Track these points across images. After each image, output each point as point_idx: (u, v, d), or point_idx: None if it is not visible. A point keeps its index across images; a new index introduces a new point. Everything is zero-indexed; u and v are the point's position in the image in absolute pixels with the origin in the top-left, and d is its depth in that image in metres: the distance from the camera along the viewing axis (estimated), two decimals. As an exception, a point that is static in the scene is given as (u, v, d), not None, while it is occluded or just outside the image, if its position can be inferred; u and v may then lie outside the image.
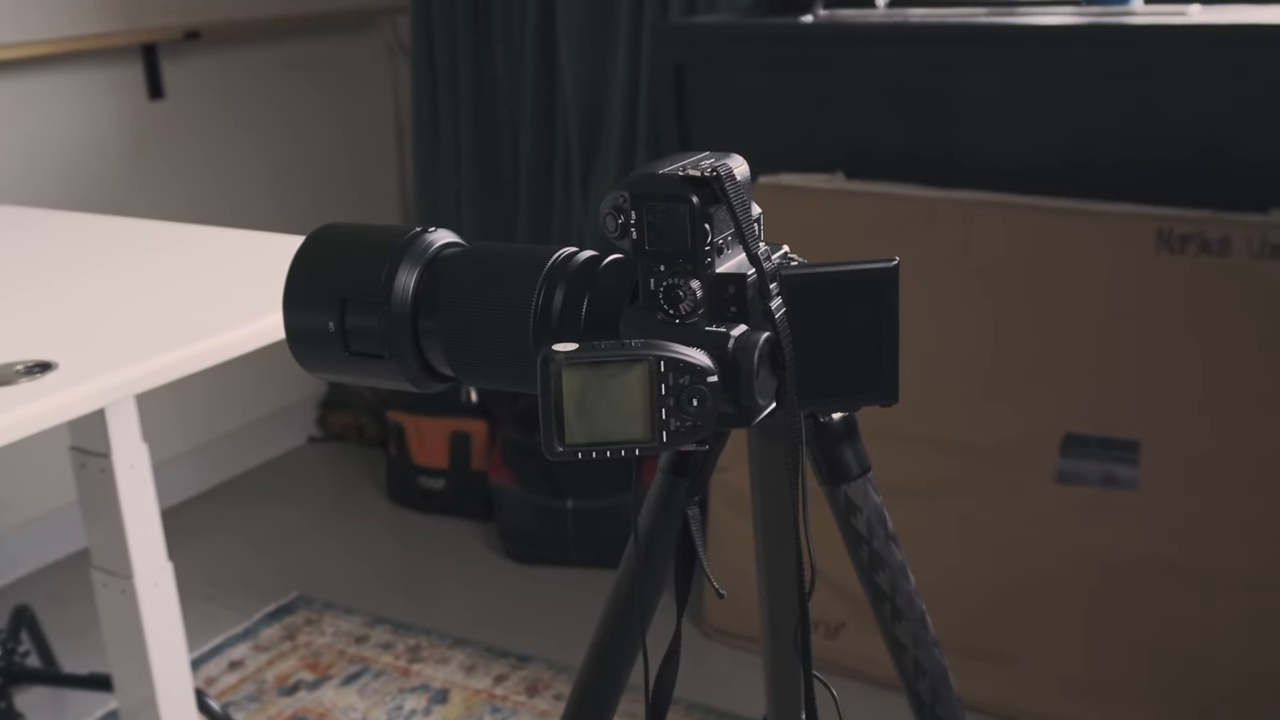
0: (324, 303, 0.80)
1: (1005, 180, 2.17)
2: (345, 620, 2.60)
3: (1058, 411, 2.11)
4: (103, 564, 1.54)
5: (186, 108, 3.06)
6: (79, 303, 1.43)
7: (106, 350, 1.23)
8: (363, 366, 0.81)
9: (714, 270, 0.70)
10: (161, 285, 1.50)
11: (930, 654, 0.86)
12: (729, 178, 0.69)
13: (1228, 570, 2.01)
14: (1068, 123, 2.18)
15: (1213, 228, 1.96)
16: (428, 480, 3.06)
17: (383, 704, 2.31)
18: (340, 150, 3.48)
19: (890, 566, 0.85)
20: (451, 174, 3.23)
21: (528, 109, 3.04)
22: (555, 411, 0.65)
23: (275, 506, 3.16)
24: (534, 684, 2.34)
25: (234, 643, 2.52)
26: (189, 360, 1.21)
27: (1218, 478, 2.01)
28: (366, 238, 0.83)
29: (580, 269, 0.76)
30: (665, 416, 0.65)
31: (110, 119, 2.90)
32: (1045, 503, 2.13)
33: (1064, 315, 2.11)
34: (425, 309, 0.79)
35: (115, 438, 1.46)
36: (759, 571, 0.98)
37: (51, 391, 1.09)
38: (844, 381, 0.75)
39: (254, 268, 1.57)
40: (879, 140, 2.34)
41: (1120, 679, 2.09)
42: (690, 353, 0.66)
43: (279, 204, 3.31)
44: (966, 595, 2.19)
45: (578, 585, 2.69)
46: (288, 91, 3.31)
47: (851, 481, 0.83)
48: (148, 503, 1.52)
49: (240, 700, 2.33)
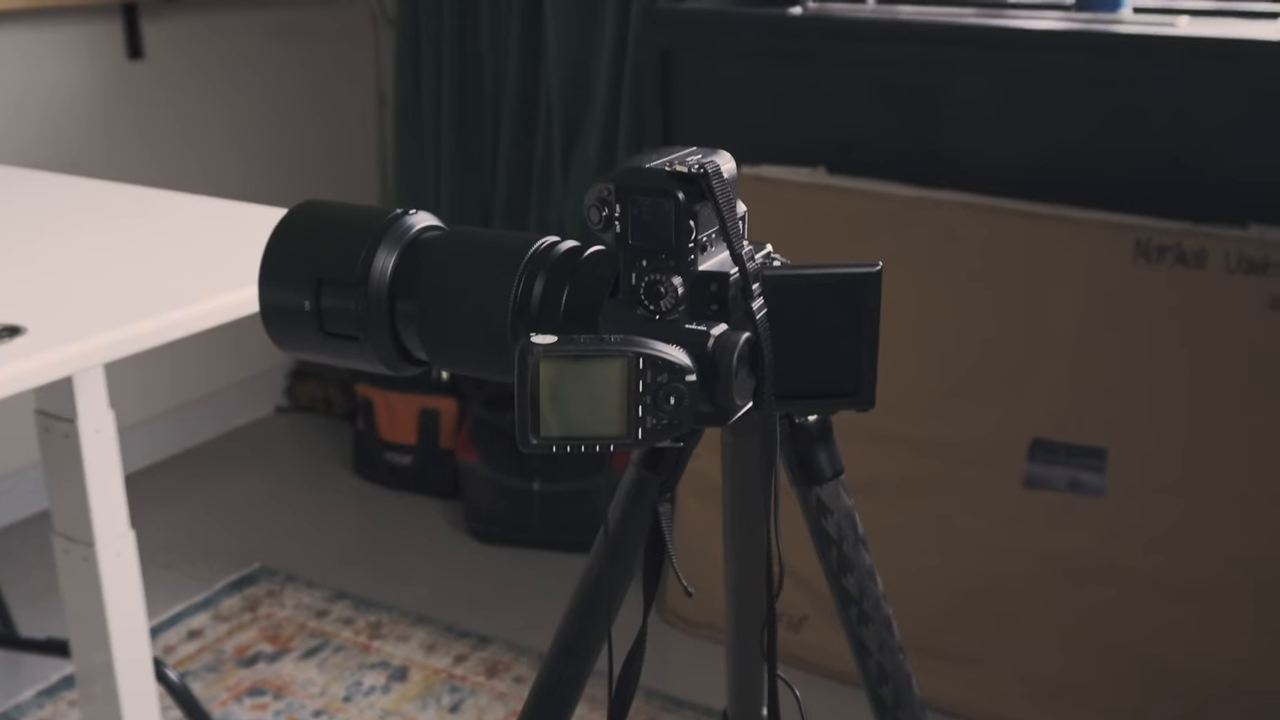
0: (300, 281, 0.79)
1: (987, 182, 2.17)
2: (307, 593, 2.58)
3: (1029, 415, 2.12)
4: (64, 530, 1.53)
5: (166, 69, 3.03)
6: (50, 266, 1.41)
7: (77, 316, 1.22)
8: (337, 347, 0.80)
9: (697, 267, 0.69)
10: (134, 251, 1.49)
11: (894, 659, 0.86)
12: (716, 175, 0.68)
13: (1190, 578, 2.03)
14: (1052, 127, 2.18)
15: (1190, 240, 1.97)
16: (395, 456, 3.05)
17: (342, 679, 2.30)
18: (320, 119, 3.45)
19: (859, 570, 0.84)
20: (432, 147, 3.21)
21: (511, 86, 3.02)
22: (531, 403, 0.65)
23: (240, 476, 3.14)
24: (494, 665, 2.34)
25: (194, 612, 2.51)
26: (160, 330, 1.20)
27: (1184, 487, 2.02)
28: (346, 217, 0.82)
29: (562, 259, 0.75)
30: (642, 413, 0.65)
31: (87, 78, 2.86)
32: (1012, 505, 2.14)
33: (1039, 320, 2.11)
34: (403, 292, 0.78)
35: (82, 403, 1.45)
36: (726, 567, 0.98)
37: (19, 357, 1.08)
38: (822, 384, 0.74)
39: (229, 237, 1.56)
40: (863, 136, 2.34)
41: (1081, 683, 2.11)
42: (669, 350, 0.65)
43: (256, 171, 3.28)
44: (931, 595, 2.20)
45: (542, 567, 2.69)
46: (269, 57, 3.28)
47: (824, 484, 0.83)
48: (112, 470, 1.51)
49: (198, 670, 2.31)
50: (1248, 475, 1.99)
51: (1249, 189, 2.04)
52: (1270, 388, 1.97)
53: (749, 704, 1.04)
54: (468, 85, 3.13)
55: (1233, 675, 2.01)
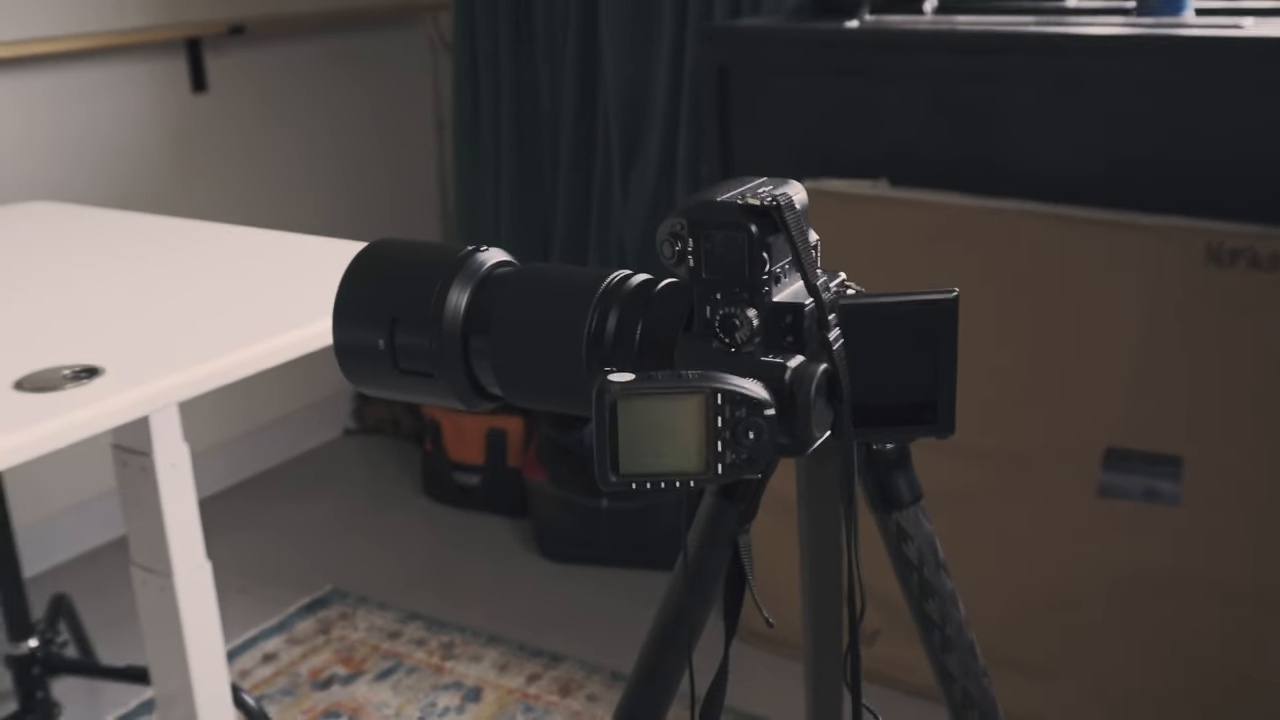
0: (374, 320, 0.80)
1: (1050, 190, 2.15)
2: (379, 615, 2.60)
3: (1097, 424, 2.09)
4: (142, 561, 1.55)
5: (229, 101, 3.07)
6: (124, 304, 1.44)
7: (152, 354, 1.23)
8: (412, 384, 0.81)
9: (771, 299, 0.69)
10: (205, 287, 1.51)
11: (979, 684, 0.85)
12: (789, 207, 0.68)
13: (1268, 588, 1.99)
14: (1115, 134, 2.16)
15: (1264, 243, 1.94)
16: (463, 476, 3.06)
17: (416, 700, 2.31)
18: (381, 145, 3.49)
19: (941, 595, 0.84)
20: (491, 170, 3.23)
21: (569, 107, 3.03)
22: (610, 441, 0.64)
23: (310, 499, 3.17)
24: (567, 684, 2.34)
25: (268, 635, 2.53)
26: (233, 368, 1.22)
27: (1261, 495, 1.99)
28: (418, 255, 0.82)
29: (635, 292, 0.75)
30: (721, 448, 0.65)
31: (153, 112, 2.91)
32: (1082, 516, 2.11)
33: (1108, 327, 2.09)
34: (476, 328, 0.78)
35: (158, 438, 1.47)
36: (803, 593, 0.97)
37: (98, 398, 1.10)
38: (900, 412, 0.74)
39: (297, 271, 1.58)
40: (922, 147, 2.33)
41: (1155, 695, 2.07)
42: (747, 384, 0.65)
43: (319, 199, 3.32)
44: (999, 606, 2.17)
45: (611, 585, 2.69)
46: (330, 86, 3.32)
47: (904, 509, 0.82)
48: (188, 502, 1.53)
49: (274, 694, 2.34)
50: (1329, 481, 1.95)
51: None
52: (1350, 391, 1.93)
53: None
54: (525, 106, 3.15)
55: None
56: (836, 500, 0.83)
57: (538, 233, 3.23)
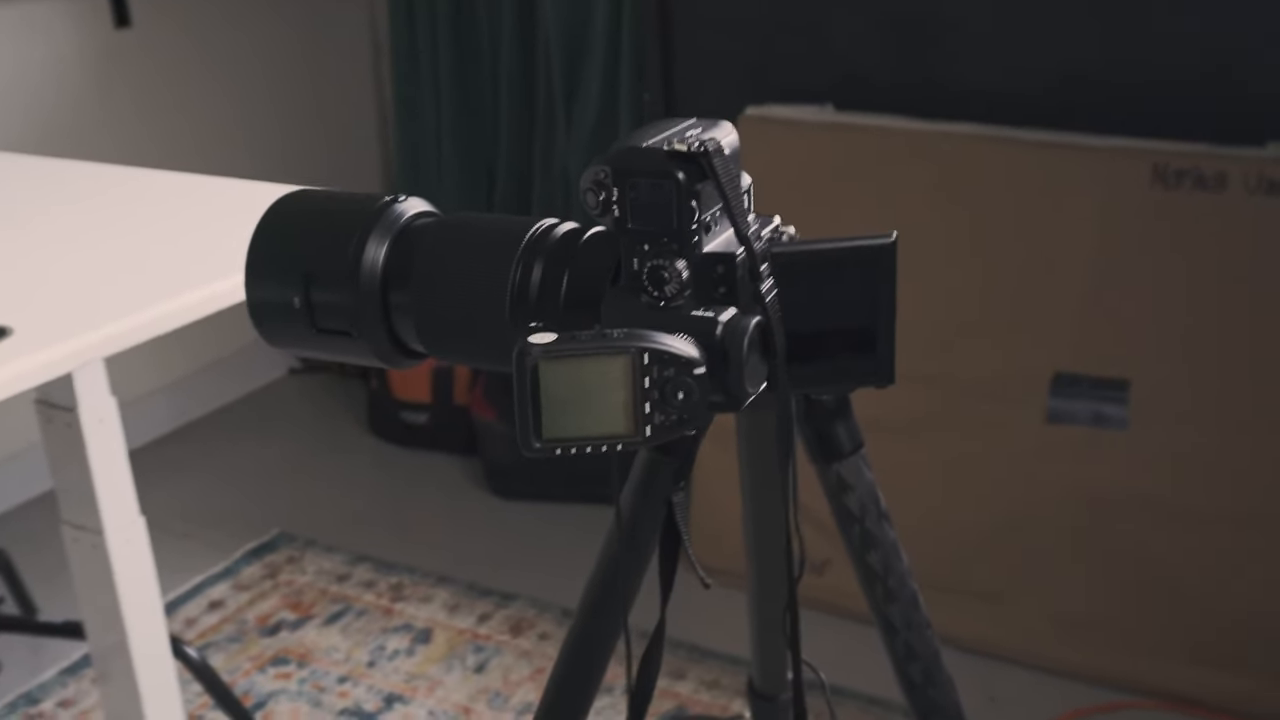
0: (288, 277, 0.76)
1: (998, 112, 2.12)
2: (327, 558, 2.57)
3: (1047, 349, 2.08)
4: (72, 518, 1.50)
5: (153, 36, 2.96)
6: (43, 256, 1.38)
7: (72, 309, 1.18)
8: (330, 343, 0.77)
9: (701, 250, 0.66)
10: (130, 235, 1.45)
11: (923, 635, 0.83)
12: (718, 152, 0.64)
13: (1217, 507, 2.00)
14: (1058, 51, 2.13)
15: (1209, 162, 1.92)
16: (410, 414, 3.02)
17: (365, 644, 2.29)
18: (315, 81, 3.39)
19: (883, 546, 0.82)
20: (431, 101, 3.15)
21: (508, 30, 2.96)
22: (532, 406, 0.61)
23: (255, 441, 3.13)
24: (518, 623, 2.33)
25: (214, 582, 2.50)
26: (159, 320, 1.17)
27: (1207, 416, 1.99)
28: (333, 207, 0.78)
29: (560, 243, 0.72)
30: (649, 410, 0.62)
31: (72, 49, 2.80)
32: (1034, 440, 2.10)
33: (1056, 250, 2.07)
34: (396, 283, 0.74)
35: (82, 392, 1.42)
36: (746, 541, 0.95)
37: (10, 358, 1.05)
38: (839, 362, 0.71)
39: (227, 217, 1.52)
40: (869, 71, 2.29)
41: (1110, 616, 2.08)
42: (675, 343, 0.61)
43: (251, 137, 3.22)
44: (954, 532, 2.17)
45: (561, 520, 2.67)
46: (260, 18, 3.22)
47: (844, 459, 0.80)
48: (118, 457, 1.48)
49: (221, 641, 2.31)
50: (1277, 402, 1.95)
51: (1267, 105, 1.99)
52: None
53: (773, 678, 1.02)
54: (464, 32, 3.07)
55: (1262, 601, 1.99)
56: (775, 456, 0.81)
57: (481, 165, 3.16)
